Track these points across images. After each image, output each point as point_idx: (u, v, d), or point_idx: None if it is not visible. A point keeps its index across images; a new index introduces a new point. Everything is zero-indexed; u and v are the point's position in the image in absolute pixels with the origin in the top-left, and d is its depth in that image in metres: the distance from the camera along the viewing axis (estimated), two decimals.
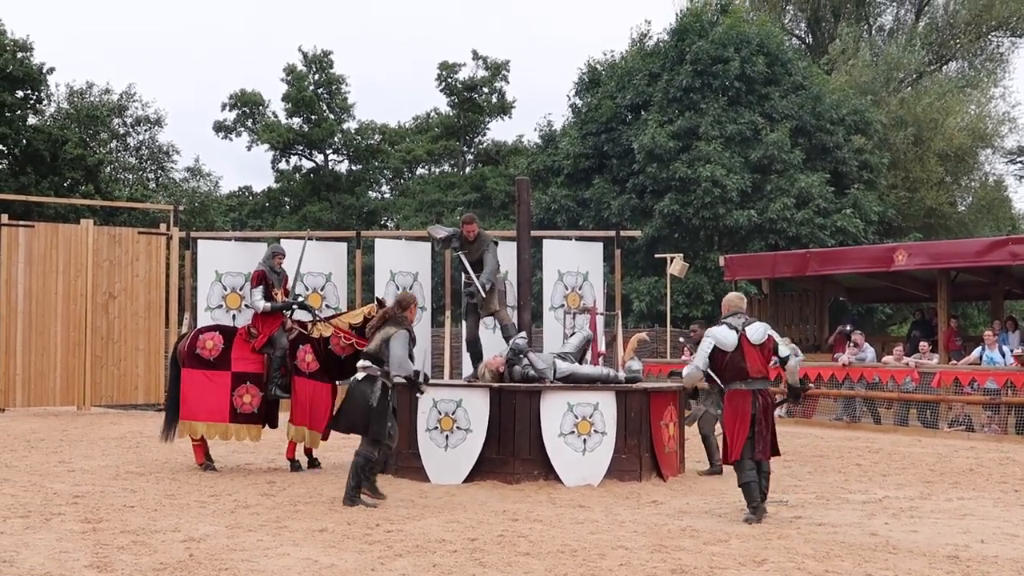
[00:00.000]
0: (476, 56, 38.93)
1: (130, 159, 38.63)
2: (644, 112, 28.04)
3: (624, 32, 68.83)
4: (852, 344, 17.61)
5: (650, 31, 32.10)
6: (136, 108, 37.72)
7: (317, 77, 39.01)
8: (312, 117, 38.52)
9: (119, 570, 6.11)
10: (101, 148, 35.66)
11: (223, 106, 39.28)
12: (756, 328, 8.18)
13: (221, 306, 15.88)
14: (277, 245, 11.93)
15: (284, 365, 10.61)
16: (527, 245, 11.75)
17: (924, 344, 17.18)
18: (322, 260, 15.33)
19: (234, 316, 15.26)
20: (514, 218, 12.81)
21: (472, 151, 40.64)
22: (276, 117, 39.45)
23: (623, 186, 27.68)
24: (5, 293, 16.93)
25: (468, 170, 39.65)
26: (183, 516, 7.88)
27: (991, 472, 11.26)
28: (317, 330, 10.85)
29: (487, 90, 39.15)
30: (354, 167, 40.51)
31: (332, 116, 39.12)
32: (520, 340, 10.50)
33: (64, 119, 34.46)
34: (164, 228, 18.63)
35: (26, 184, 29.11)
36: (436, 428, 9.93)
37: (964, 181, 33.46)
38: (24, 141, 30.81)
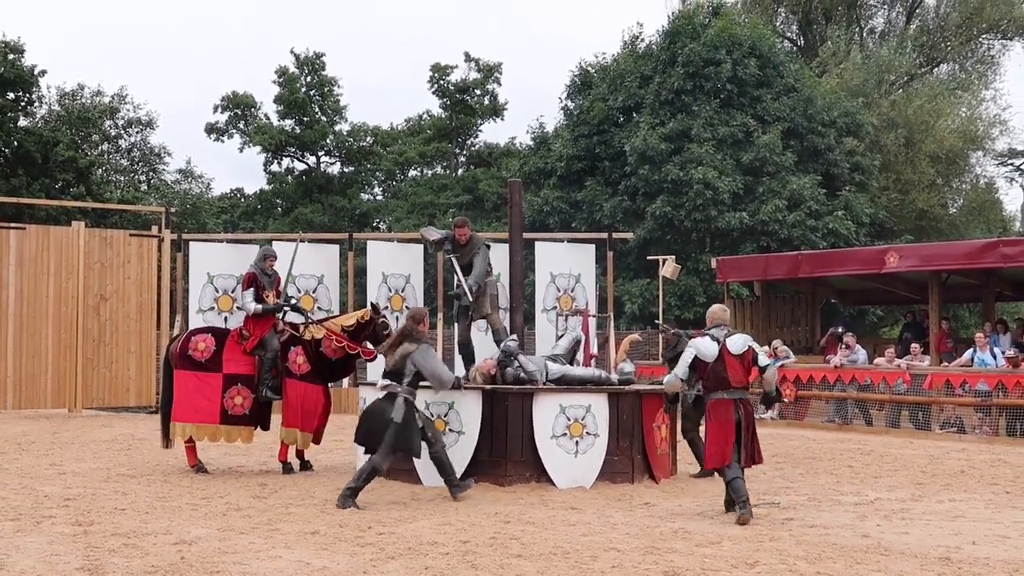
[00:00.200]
0: (468, 58, 38.97)
1: (122, 161, 38.53)
2: (636, 114, 28.08)
3: (616, 34, 68.92)
4: (844, 346, 17.65)
5: (642, 33, 32.26)
6: (128, 110, 37.67)
7: (309, 79, 38.95)
8: (304, 119, 38.45)
9: (110, 573, 6.10)
10: (92, 150, 35.56)
11: (215, 108, 39.23)
12: (737, 340, 8.49)
13: (213, 308, 15.82)
14: (268, 247, 11.90)
15: (275, 367, 10.60)
16: (519, 247, 11.73)
17: (916, 346, 17.20)
18: (314, 262, 15.30)
19: (226, 318, 15.22)
20: (506, 220, 12.80)
21: (464, 153, 40.64)
22: (268, 119, 39.38)
23: (615, 188, 27.69)
24: None
25: (460, 172, 39.63)
26: (175, 519, 7.86)
27: (982, 474, 11.29)
28: (309, 332, 10.85)
29: (479, 92, 39.14)
30: (346, 169, 40.46)
31: (324, 118, 39.06)
32: (511, 343, 10.50)
33: (55, 121, 34.36)
34: (156, 230, 18.60)
35: (17, 186, 29.01)
36: None
37: (955, 183, 33.55)
38: (15, 143, 30.72)
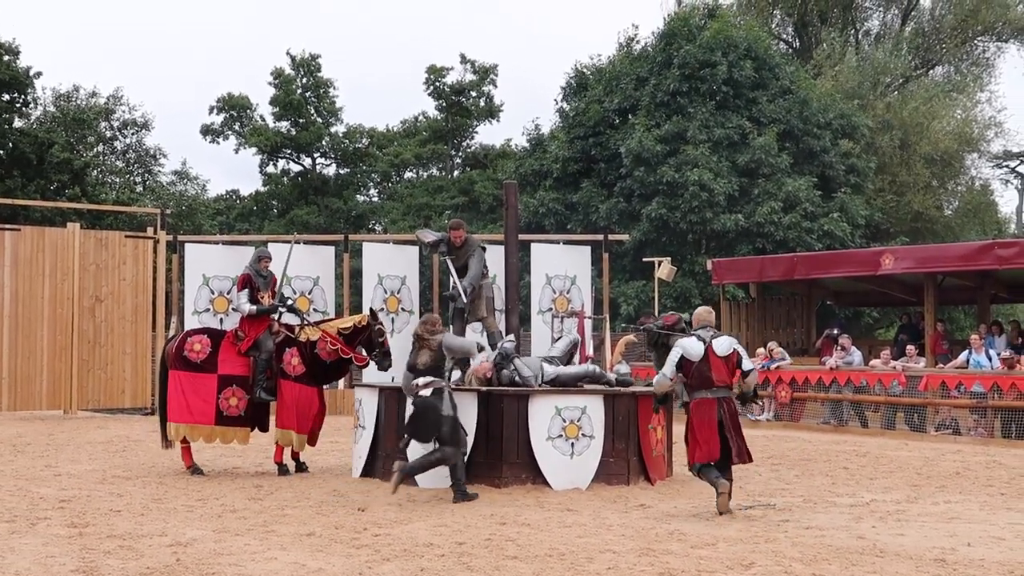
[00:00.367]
0: (464, 60, 38.94)
1: (117, 163, 38.50)
2: (632, 116, 28.06)
3: (612, 36, 68.99)
4: (839, 348, 17.66)
5: (638, 35, 32.24)
6: (123, 111, 37.64)
7: (305, 80, 38.91)
8: (300, 121, 38.39)
9: (105, 575, 6.09)
10: (88, 151, 35.53)
11: (211, 109, 39.15)
12: (722, 341, 8.67)
13: (208, 310, 15.84)
14: (263, 249, 11.91)
15: (270, 368, 10.60)
16: (515, 249, 11.74)
17: (911, 348, 17.22)
18: (310, 264, 15.32)
19: (221, 320, 15.23)
20: (502, 222, 12.81)
21: (460, 155, 40.61)
22: (264, 121, 39.35)
23: (611, 190, 27.69)
24: None
25: (456, 174, 39.61)
26: (170, 520, 7.85)
27: (978, 476, 11.31)
28: (305, 334, 10.86)
29: (475, 94, 39.13)
30: (342, 171, 40.41)
31: (320, 120, 39.01)
32: (508, 344, 10.51)
33: (51, 123, 34.32)
34: (151, 232, 18.56)
35: (12, 187, 28.95)
36: None
37: (950, 185, 33.56)
38: (10, 144, 30.64)
